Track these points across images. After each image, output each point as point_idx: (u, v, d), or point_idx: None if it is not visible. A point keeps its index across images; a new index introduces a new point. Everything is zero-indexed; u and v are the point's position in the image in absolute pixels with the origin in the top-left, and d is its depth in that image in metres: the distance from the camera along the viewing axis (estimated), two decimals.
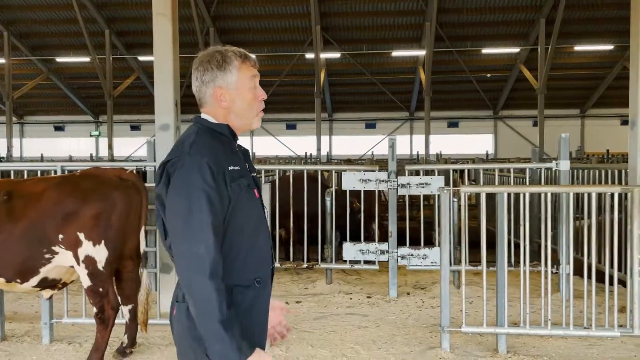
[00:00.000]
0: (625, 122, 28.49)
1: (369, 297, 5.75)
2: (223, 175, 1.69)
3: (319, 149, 21.74)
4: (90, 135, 30.03)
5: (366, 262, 5.86)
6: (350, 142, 29.51)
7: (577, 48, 22.58)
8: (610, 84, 25.60)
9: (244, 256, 1.76)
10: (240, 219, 1.74)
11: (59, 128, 31.69)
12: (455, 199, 5.56)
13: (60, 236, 3.65)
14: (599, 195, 4.69)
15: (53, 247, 3.67)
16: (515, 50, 23.43)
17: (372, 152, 23.28)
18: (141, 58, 24.67)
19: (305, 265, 5.92)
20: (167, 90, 4.99)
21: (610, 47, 22.67)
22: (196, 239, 1.63)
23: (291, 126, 29.54)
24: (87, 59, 23.73)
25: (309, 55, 22.69)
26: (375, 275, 6.61)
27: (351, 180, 5.74)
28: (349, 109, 28.89)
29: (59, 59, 24.99)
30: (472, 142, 28.49)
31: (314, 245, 6.24)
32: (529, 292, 4.03)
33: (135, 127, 30.52)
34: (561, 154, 5.48)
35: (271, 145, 28.93)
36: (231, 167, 1.73)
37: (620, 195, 3.99)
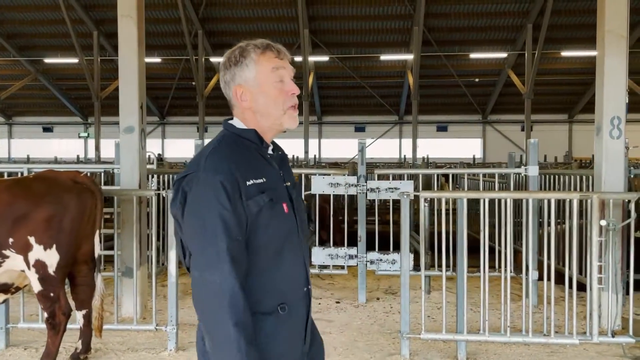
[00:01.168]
0: None
1: (337, 303, 5.71)
2: (239, 191, 1.51)
3: (306, 152, 21.70)
4: (79, 137, 29.83)
5: (336, 266, 5.82)
6: (340, 145, 29.51)
7: (564, 53, 22.69)
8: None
9: (263, 280, 1.56)
10: (260, 238, 1.54)
11: (47, 129, 31.48)
12: (426, 204, 5.54)
13: (11, 240, 3.58)
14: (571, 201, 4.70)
15: (3, 251, 3.60)
16: (503, 55, 23.52)
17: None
18: None
19: None
20: (132, 92, 4.93)
21: (596, 52, 22.77)
22: (211, 266, 1.46)
23: None
24: (75, 60, 23.58)
25: (298, 59, 22.66)
26: (349, 280, 6.57)
27: (320, 184, 5.70)
28: (338, 112, 28.90)
29: (47, 60, 24.83)
30: (461, 146, 28.55)
31: None
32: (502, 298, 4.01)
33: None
34: (530, 159, 5.48)
35: None
36: (250, 182, 1.53)
37: (580, 201, 3.97)
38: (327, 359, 4.11)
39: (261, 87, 1.60)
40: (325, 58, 23.48)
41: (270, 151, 1.66)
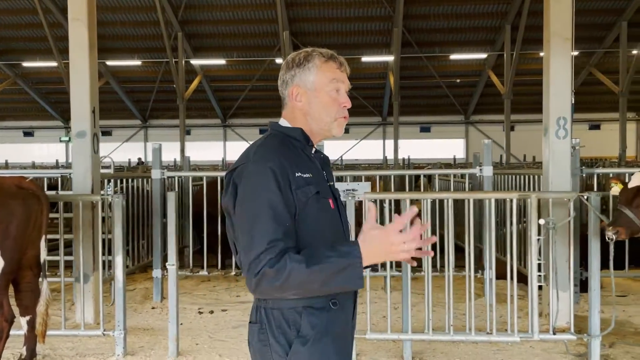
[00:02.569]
0: (593, 127, 29.15)
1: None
2: (287, 180, 1.54)
3: None
4: (60, 141, 29.59)
5: None
6: (324, 147, 29.52)
7: (543, 54, 22.92)
8: (578, 89, 25.95)
9: None
10: (311, 230, 1.57)
11: (28, 133, 31.17)
12: (385, 205, 5.59)
13: None
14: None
15: None
16: (483, 56, 23.70)
17: (342, 157, 23.33)
18: (109, 63, 24.42)
19: (233, 273, 5.88)
20: (84, 96, 4.91)
21: (575, 53, 23.04)
22: (264, 250, 1.46)
23: (264, 131, 29.16)
24: (54, 64, 23.40)
25: (278, 60, 22.66)
26: None
27: None
28: None
29: (25, 64, 24.61)
30: (444, 147, 28.71)
31: None
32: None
33: (106, 133, 30.15)
34: (484, 160, 5.55)
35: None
36: (298, 174, 1.57)
37: (519, 201, 4.03)
38: None
39: (317, 92, 1.67)
40: None
41: (313, 151, 1.71)
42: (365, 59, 23.54)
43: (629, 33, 20.86)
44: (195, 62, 23.89)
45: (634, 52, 20.79)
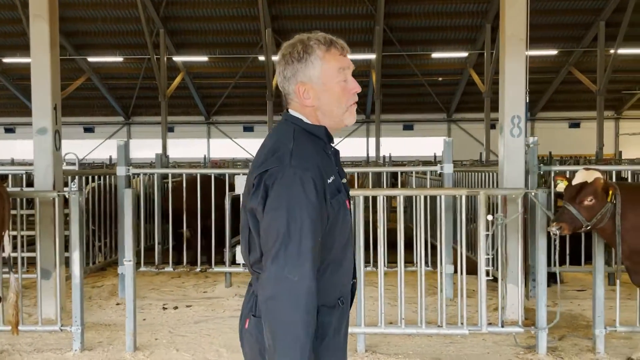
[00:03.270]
0: (573, 125, 29.54)
1: None
2: (324, 190, 1.49)
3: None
4: None
5: None
6: None
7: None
8: (558, 88, 26.36)
9: (330, 274, 1.56)
10: (337, 235, 1.55)
11: (9, 130, 30.83)
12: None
13: None
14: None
15: None
16: (464, 54, 23.89)
17: None
18: (91, 59, 24.23)
19: (198, 269, 5.93)
20: (45, 93, 4.94)
21: (554, 52, 23.35)
22: (291, 264, 1.42)
23: (248, 128, 29.43)
24: None
25: (261, 58, 22.67)
26: None
27: (244, 184, 5.77)
28: None
29: (5, 60, 24.32)
30: (426, 144, 28.89)
31: (222, 247, 6.25)
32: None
33: (88, 129, 29.95)
34: (445, 157, 5.65)
35: (228, 147, 28.79)
36: (329, 180, 1.52)
37: (468, 197, 4.14)
38: (230, 355, 4.19)
39: (325, 86, 1.58)
40: None
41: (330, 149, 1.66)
42: (348, 56, 23.60)
43: (606, 32, 21.16)
44: (177, 59, 23.80)
45: (612, 51, 21.09)
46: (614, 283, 5.31)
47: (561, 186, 3.92)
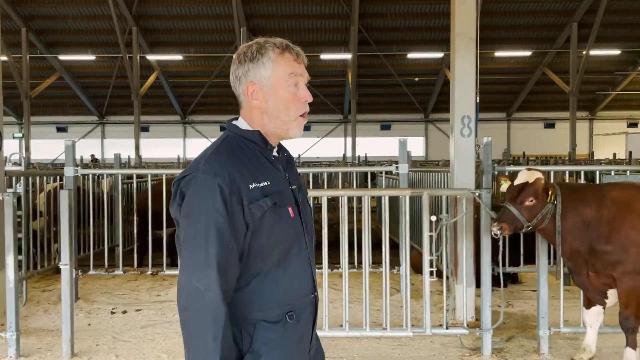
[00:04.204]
0: (548, 126, 29.93)
1: None
2: (239, 197, 1.45)
3: None
4: (14, 137, 28.69)
5: None
6: (286, 144, 29.46)
7: (498, 54, 23.38)
8: (532, 89, 26.67)
9: (270, 287, 1.50)
10: (265, 244, 1.49)
11: None
12: None
13: None
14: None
15: None
16: (440, 55, 24.02)
17: (300, 155, 23.32)
18: (62, 57, 23.80)
19: (149, 272, 5.79)
20: None
21: (528, 53, 23.61)
22: (198, 273, 1.40)
23: (224, 128, 29.17)
24: (4, 58, 22.64)
25: None
26: None
27: None
28: None
29: None
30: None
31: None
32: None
33: (61, 129, 29.43)
34: (400, 158, 5.61)
35: (205, 147, 28.47)
36: (253, 185, 1.47)
37: (412, 198, 4.09)
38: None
39: (274, 88, 1.55)
40: None
41: (275, 153, 1.61)
42: (324, 56, 23.57)
43: (579, 34, 21.44)
44: (151, 57, 23.50)
45: (584, 52, 21.39)
46: (569, 283, 5.35)
47: (504, 186, 3.89)
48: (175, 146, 28.57)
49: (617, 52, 23.55)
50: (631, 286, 3.60)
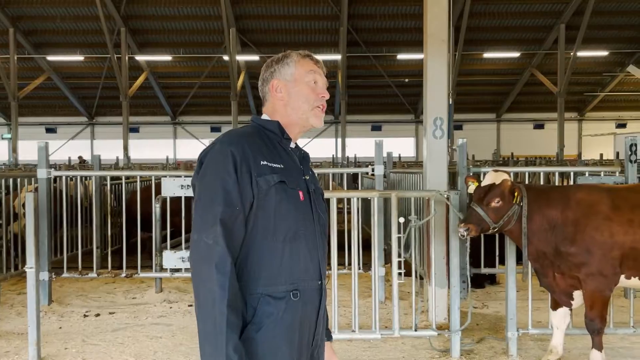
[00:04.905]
0: (537, 126, 30.04)
1: (190, 306, 5.65)
2: (248, 167, 1.57)
3: None
4: (2, 138, 28.50)
5: (188, 269, 5.76)
6: None
7: (486, 55, 23.47)
8: (522, 90, 26.76)
9: (277, 263, 1.58)
10: (271, 219, 1.58)
11: None
12: None
13: None
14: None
15: None
16: None
17: None
18: (51, 58, 23.67)
19: (123, 275, 5.75)
20: None
21: (516, 54, 23.71)
22: (207, 229, 1.52)
23: (216, 129, 29.12)
24: None
25: (227, 58, 22.45)
26: None
27: (171, 187, 5.59)
28: None
29: None
30: (394, 145, 29.02)
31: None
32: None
33: (50, 130, 29.24)
34: (376, 159, 5.61)
35: (195, 148, 28.41)
36: (264, 162, 1.60)
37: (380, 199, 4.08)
38: None
39: (296, 82, 1.74)
40: (255, 57, 23.35)
41: (292, 145, 1.75)
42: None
43: (566, 35, 21.55)
44: (140, 58, 23.40)
45: (572, 53, 21.49)
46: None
47: (472, 187, 3.89)
48: (165, 147, 28.47)
49: (604, 53, 23.69)
50: (595, 288, 3.61)
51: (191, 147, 28.59)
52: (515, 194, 3.68)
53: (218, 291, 1.48)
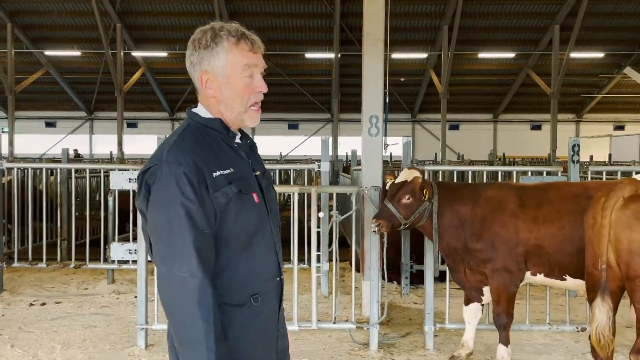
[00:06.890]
0: (534, 127, 29.92)
1: (135, 297, 5.75)
2: (205, 184, 1.46)
3: None
4: (2, 132, 28.84)
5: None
6: (274, 142, 29.59)
7: (482, 55, 23.41)
8: (518, 91, 26.64)
9: (232, 271, 1.52)
10: (230, 230, 1.50)
11: None
12: None
13: None
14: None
15: None
16: (424, 55, 24.05)
17: (281, 152, 23.39)
18: (48, 53, 23.91)
19: (72, 266, 5.88)
20: None
21: (512, 54, 23.62)
22: (178, 261, 1.41)
23: None
24: None
25: None
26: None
27: (119, 180, 5.68)
28: (271, 109, 28.90)
29: None
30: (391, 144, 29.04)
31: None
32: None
33: (50, 124, 29.55)
34: (322, 156, 5.68)
35: None
36: (217, 173, 1.49)
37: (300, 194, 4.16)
38: (62, 351, 4.16)
39: (228, 79, 1.56)
40: None
41: (238, 140, 1.63)
42: (309, 55, 23.64)
43: (561, 36, 21.45)
44: (136, 54, 23.58)
45: (565, 55, 21.38)
46: None
47: (388, 184, 3.96)
48: (150, 145, 28.65)
49: (600, 54, 23.53)
50: (501, 283, 3.67)
51: None
52: (425, 191, 3.75)
53: (203, 326, 1.40)
